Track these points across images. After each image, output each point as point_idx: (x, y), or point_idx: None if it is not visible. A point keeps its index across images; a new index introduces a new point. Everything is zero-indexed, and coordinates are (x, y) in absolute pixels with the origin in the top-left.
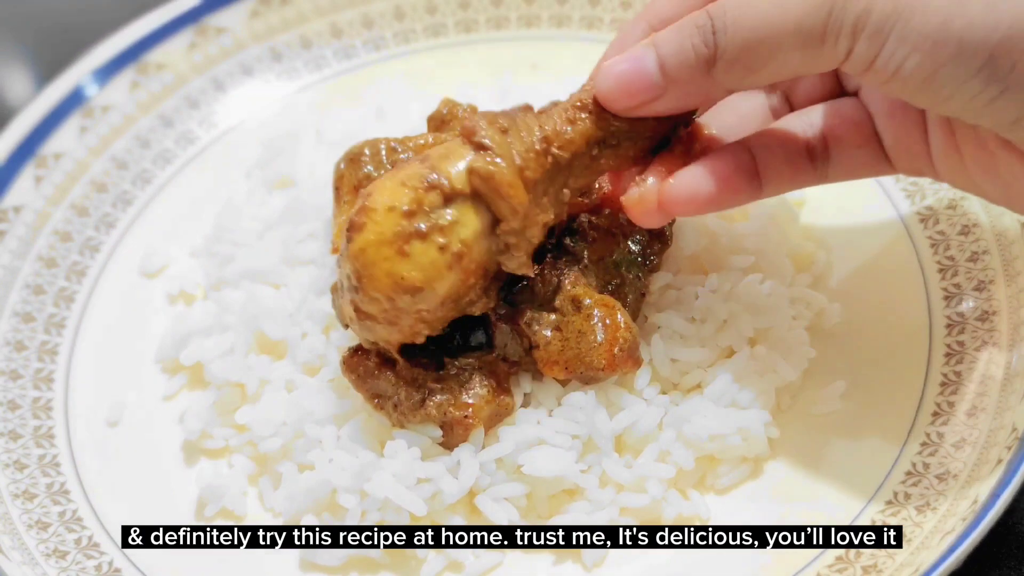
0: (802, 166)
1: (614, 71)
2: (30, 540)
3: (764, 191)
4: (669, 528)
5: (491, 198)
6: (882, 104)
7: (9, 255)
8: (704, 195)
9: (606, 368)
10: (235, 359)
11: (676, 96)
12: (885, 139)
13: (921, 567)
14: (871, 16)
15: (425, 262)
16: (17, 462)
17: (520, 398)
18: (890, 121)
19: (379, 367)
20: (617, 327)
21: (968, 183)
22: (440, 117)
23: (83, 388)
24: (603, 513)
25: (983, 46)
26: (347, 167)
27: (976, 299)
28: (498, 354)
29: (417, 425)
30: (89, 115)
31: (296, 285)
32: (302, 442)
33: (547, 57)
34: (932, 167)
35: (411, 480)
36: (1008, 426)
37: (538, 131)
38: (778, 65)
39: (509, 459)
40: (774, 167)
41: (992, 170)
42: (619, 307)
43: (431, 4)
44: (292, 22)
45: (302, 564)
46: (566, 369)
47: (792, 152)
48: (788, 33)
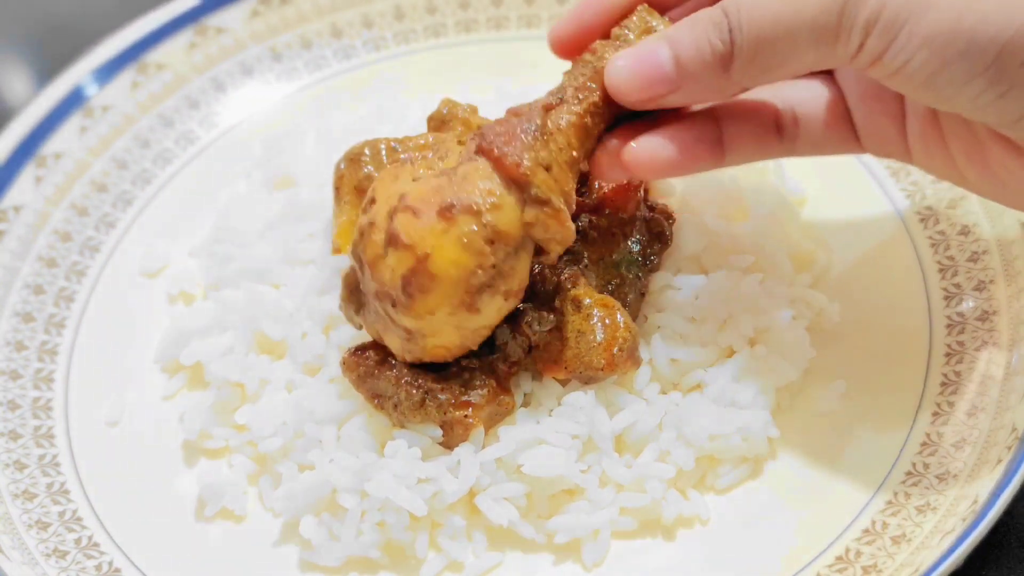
0: (768, 140)
1: (627, 65)
2: (30, 540)
3: (726, 161)
4: (669, 528)
5: (544, 240)
6: (856, 86)
7: (9, 255)
8: (663, 159)
9: (606, 368)
10: (235, 359)
11: (690, 92)
12: (857, 120)
13: (921, 567)
14: (884, 11)
15: (492, 311)
16: (17, 462)
17: (520, 398)
18: (863, 103)
19: (379, 366)
20: (617, 327)
21: (948, 172)
22: (440, 117)
23: (83, 388)
24: (603, 513)
25: (993, 43)
26: (347, 167)
27: (976, 299)
28: (498, 354)
29: (417, 425)
30: (89, 115)
31: (296, 285)
32: (302, 442)
33: (547, 57)
34: (906, 152)
35: (411, 480)
36: (1008, 426)
37: (563, 139)
38: (793, 63)
39: (509, 459)
40: (740, 139)
41: (982, 163)
42: (619, 307)
43: (431, 4)
44: (292, 22)
45: (302, 564)
46: (566, 369)
47: (759, 126)
48: (803, 31)
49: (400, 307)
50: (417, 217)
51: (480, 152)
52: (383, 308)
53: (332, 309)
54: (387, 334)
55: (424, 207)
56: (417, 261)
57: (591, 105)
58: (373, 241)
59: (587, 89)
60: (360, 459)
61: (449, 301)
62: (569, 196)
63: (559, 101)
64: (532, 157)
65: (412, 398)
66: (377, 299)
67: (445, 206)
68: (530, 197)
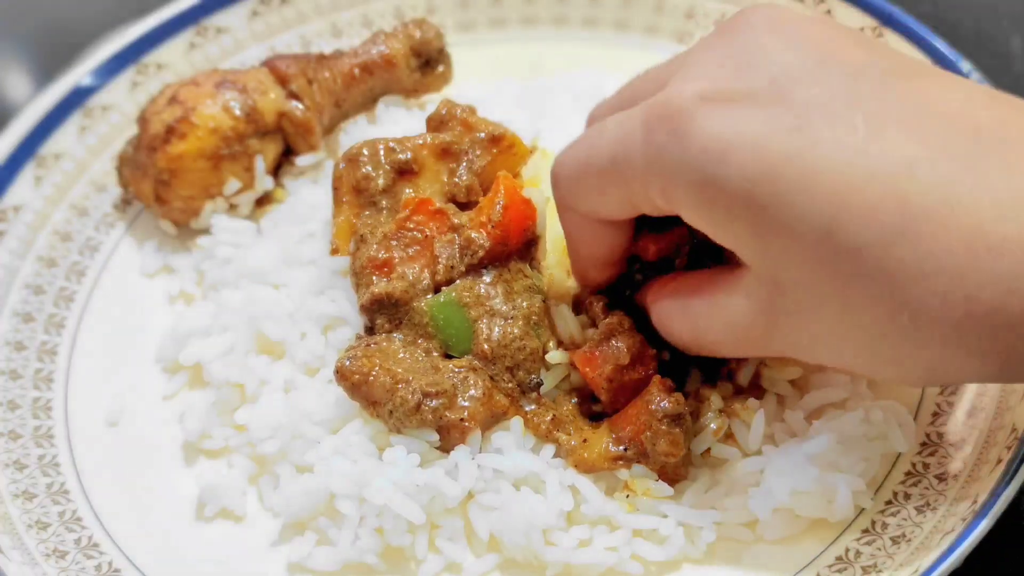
0: None
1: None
2: (30, 540)
3: None
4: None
5: (292, 137)
6: None
7: (9, 255)
8: None
9: (663, 458)
10: (235, 359)
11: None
12: None
13: (921, 567)
14: None
15: (228, 178)
16: (17, 462)
17: None
18: None
19: (376, 362)
20: (678, 446)
21: None
22: (439, 117)
23: (83, 388)
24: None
25: None
26: (346, 167)
27: None
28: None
29: (414, 430)
30: (89, 115)
31: (296, 285)
32: (300, 443)
33: (547, 57)
34: None
35: (410, 487)
36: (1008, 426)
37: (331, 73)
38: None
39: (510, 473)
40: None
41: None
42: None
43: (431, 4)
44: (292, 22)
45: (301, 565)
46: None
47: None
48: None
49: (159, 151)
50: (196, 86)
51: (264, 64)
52: (146, 158)
53: (331, 309)
54: (143, 182)
55: (204, 81)
56: (184, 112)
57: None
58: (160, 108)
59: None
60: (358, 464)
61: (200, 150)
62: (322, 110)
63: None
64: (300, 68)
65: (407, 403)
66: (144, 150)
67: (220, 81)
68: (289, 91)
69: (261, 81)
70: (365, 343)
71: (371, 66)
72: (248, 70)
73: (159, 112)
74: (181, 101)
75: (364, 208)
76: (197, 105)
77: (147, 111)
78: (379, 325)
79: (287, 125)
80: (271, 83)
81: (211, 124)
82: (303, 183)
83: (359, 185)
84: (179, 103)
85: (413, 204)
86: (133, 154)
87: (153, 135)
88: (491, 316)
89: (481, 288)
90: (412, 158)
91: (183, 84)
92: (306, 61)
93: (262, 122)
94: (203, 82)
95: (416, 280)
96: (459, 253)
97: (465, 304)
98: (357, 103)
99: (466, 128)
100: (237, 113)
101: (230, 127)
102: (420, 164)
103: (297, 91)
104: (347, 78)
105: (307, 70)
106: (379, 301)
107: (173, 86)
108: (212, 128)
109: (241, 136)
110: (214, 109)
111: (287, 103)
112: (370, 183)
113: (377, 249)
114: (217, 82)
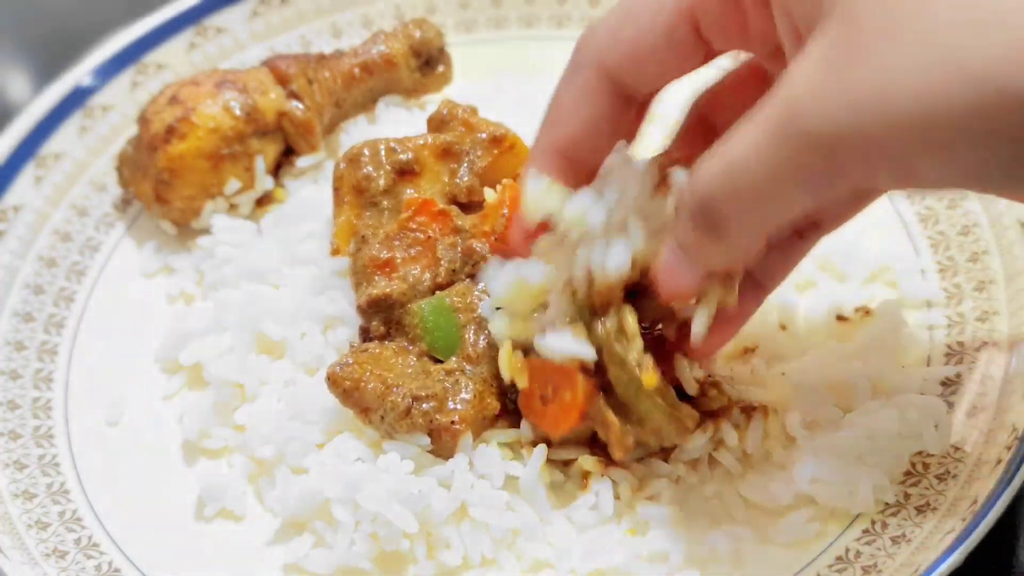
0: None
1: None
2: (30, 540)
3: (769, 290)
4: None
5: (292, 137)
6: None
7: (9, 255)
8: (725, 338)
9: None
10: (234, 359)
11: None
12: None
13: (921, 567)
14: None
15: (229, 179)
16: (17, 462)
17: None
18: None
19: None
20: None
21: None
22: (440, 118)
23: (83, 388)
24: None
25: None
26: (347, 167)
27: (976, 299)
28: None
29: (405, 435)
30: (89, 115)
31: (296, 285)
32: (297, 444)
33: (547, 57)
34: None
35: (403, 494)
36: (1008, 426)
37: (331, 74)
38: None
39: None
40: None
41: None
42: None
43: (431, 4)
44: (292, 22)
45: (300, 565)
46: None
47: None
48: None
49: (159, 150)
50: (197, 86)
51: (264, 64)
52: (146, 158)
53: (331, 309)
54: (143, 182)
55: (205, 81)
56: (184, 112)
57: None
58: (160, 107)
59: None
60: (354, 468)
61: (200, 150)
62: (322, 110)
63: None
64: (300, 68)
65: (397, 408)
66: (144, 150)
67: (220, 81)
68: (290, 91)
69: (261, 81)
70: (357, 350)
71: (371, 66)
72: (248, 70)
73: (159, 112)
74: (181, 101)
75: (365, 208)
76: (197, 105)
77: (147, 111)
78: (374, 327)
79: (287, 125)
80: (271, 83)
81: (211, 124)
82: (303, 183)
83: (360, 185)
84: (179, 103)
85: (416, 204)
86: (133, 154)
87: (153, 135)
88: (479, 324)
89: (475, 295)
90: (413, 158)
91: (183, 84)
92: (306, 61)
93: (262, 122)
94: (203, 82)
95: (416, 282)
96: (461, 258)
97: (456, 309)
98: (357, 103)
99: (467, 128)
100: (237, 113)
101: (230, 127)
102: (421, 164)
103: (297, 91)
104: (347, 78)
105: (307, 70)
106: (376, 303)
107: (173, 86)
108: (212, 128)
109: (241, 136)
110: (214, 109)
111: (287, 103)
112: (371, 183)
113: (379, 249)
114: (217, 82)
